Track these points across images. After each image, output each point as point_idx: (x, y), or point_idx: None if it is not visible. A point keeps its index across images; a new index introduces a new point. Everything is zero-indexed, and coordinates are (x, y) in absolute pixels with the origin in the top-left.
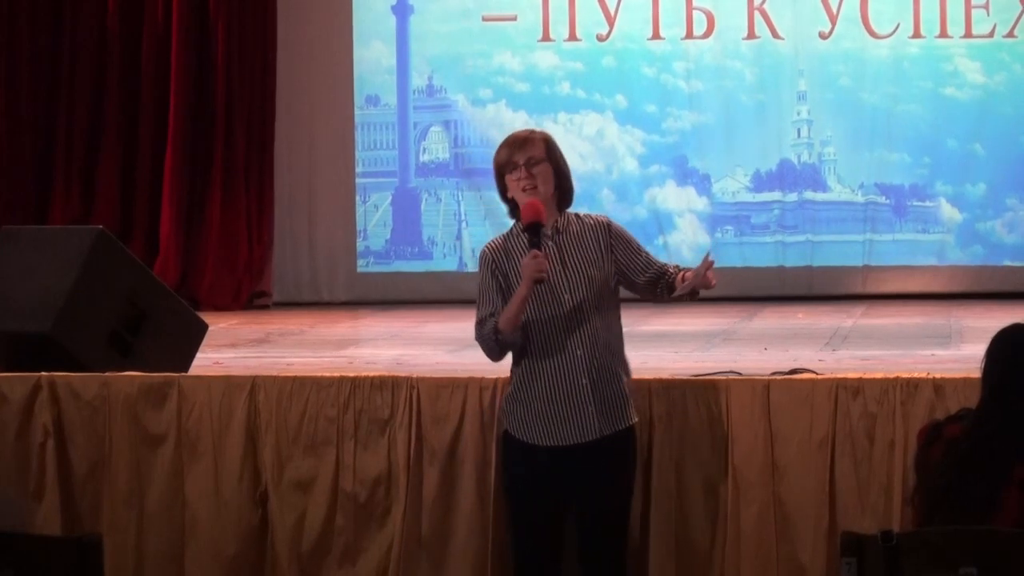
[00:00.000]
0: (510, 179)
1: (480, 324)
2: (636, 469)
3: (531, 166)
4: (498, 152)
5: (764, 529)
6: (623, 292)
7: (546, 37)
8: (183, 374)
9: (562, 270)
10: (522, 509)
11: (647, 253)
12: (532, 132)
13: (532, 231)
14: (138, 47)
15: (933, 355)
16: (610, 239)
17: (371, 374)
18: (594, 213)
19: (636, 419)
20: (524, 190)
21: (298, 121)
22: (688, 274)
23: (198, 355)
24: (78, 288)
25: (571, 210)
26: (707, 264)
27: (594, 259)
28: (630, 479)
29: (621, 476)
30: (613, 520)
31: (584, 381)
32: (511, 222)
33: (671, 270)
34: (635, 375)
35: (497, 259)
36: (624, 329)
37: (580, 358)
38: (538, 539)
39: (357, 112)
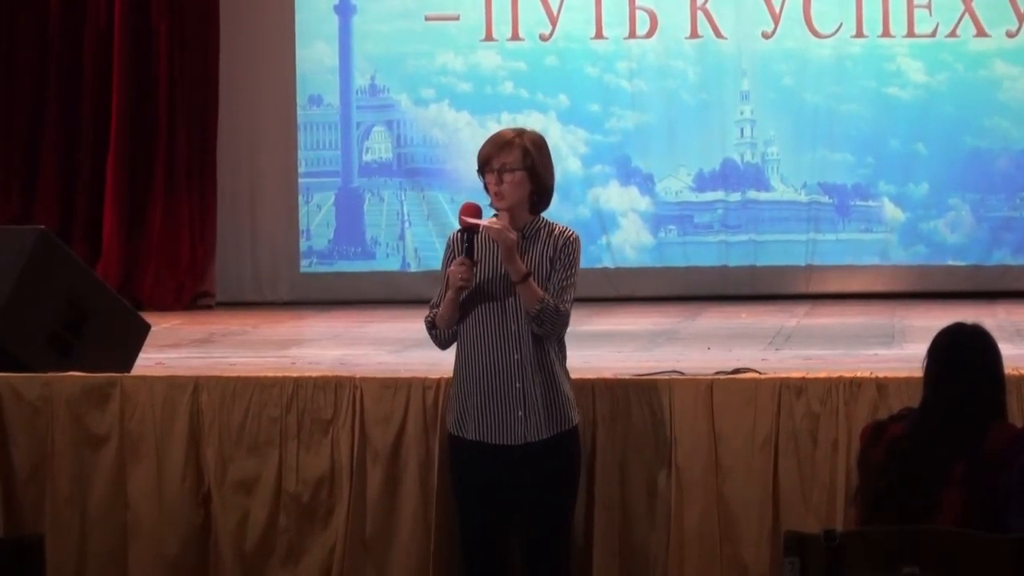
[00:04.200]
0: (486, 179)
1: (429, 309)
2: (577, 474)
3: (503, 172)
4: (482, 146)
5: (707, 529)
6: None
7: (489, 37)
8: (125, 374)
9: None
10: (466, 507)
11: (564, 283)
12: (518, 135)
13: (467, 235)
14: (79, 46)
15: (876, 355)
16: (562, 248)
17: (314, 374)
18: (568, 229)
19: (574, 424)
20: (494, 195)
21: (241, 121)
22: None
23: (141, 355)
24: (19, 289)
25: (550, 219)
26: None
27: (544, 269)
28: (568, 484)
29: (556, 481)
30: (551, 523)
31: (517, 384)
32: (453, 222)
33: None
34: (578, 375)
35: (456, 246)
36: (567, 329)
37: (516, 362)
38: (483, 538)
39: (300, 112)
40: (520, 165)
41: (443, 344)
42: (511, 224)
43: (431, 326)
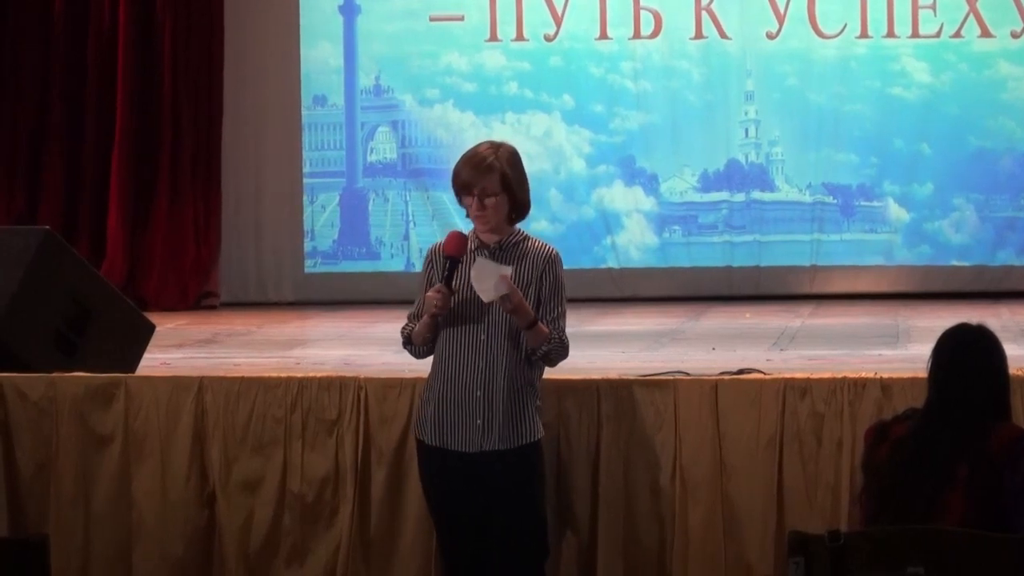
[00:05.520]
0: (464, 201)
1: (407, 319)
2: (541, 487)
3: (484, 197)
4: (459, 168)
5: (712, 529)
6: (571, 291)
7: (493, 37)
8: (130, 374)
9: None
10: (435, 510)
11: (557, 312)
12: (495, 156)
13: (449, 264)
14: (84, 45)
15: (880, 355)
16: (544, 270)
17: (318, 374)
18: (548, 244)
19: (537, 438)
20: (476, 218)
21: (245, 121)
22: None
23: (145, 356)
24: (24, 289)
25: (525, 229)
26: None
27: (522, 282)
28: (531, 496)
29: (518, 492)
30: (516, 531)
31: (478, 393)
32: (458, 222)
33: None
34: (582, 375)
35: (435, 260)
36: (571, 329)
37: (481, 370)
38: (454, 540)
39: (304, 112)
40: (500, 189)
41: (418, 356)
42: (491, 240)
43: (407, 340)
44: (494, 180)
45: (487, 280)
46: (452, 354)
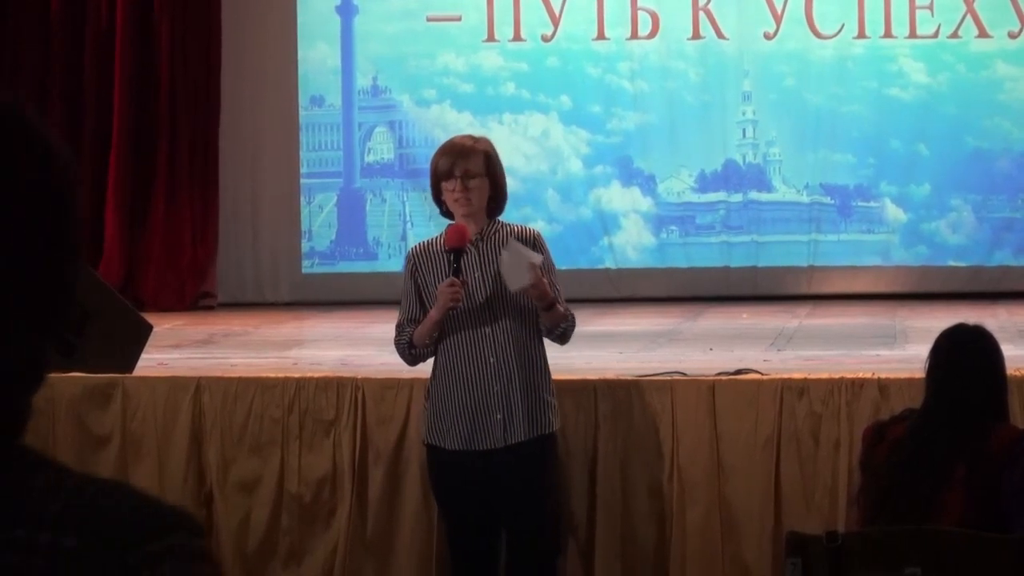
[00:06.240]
0: (445, 187)
1: (398, 329)
2: (555, 476)
3: (467, 179)
4: (438, 158)
5: (709, 529)
6: (569, 292)
7: (490, 37)
8: (127, 375)
9: (480, 277)
10: (449, 512)
11: (556, 289)
12: (474, 142)
13: (454, 256)
14: (81, 47)
15: (878, 355)
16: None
17: (316, 375)
18: (528, 225)
19: (556, 428)
20: (456, 201)
21: (242, 121)
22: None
23: (143, 356)
24: None
25: (504, 219)
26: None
27: None
28: (550, 486)
29: (538, 483)
30: (535, 524)
31: (496, 388)
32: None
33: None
34: (580, 375)
35: (418, 262)
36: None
37: (492, 365)
38: (469, 540)
39: (302, 112)
40: (483, 171)
41: (415, 361)
42: (472, 231)
43: (409, 346)
44: (477, 161)
45: (517, 268)
46: (459, 353)
